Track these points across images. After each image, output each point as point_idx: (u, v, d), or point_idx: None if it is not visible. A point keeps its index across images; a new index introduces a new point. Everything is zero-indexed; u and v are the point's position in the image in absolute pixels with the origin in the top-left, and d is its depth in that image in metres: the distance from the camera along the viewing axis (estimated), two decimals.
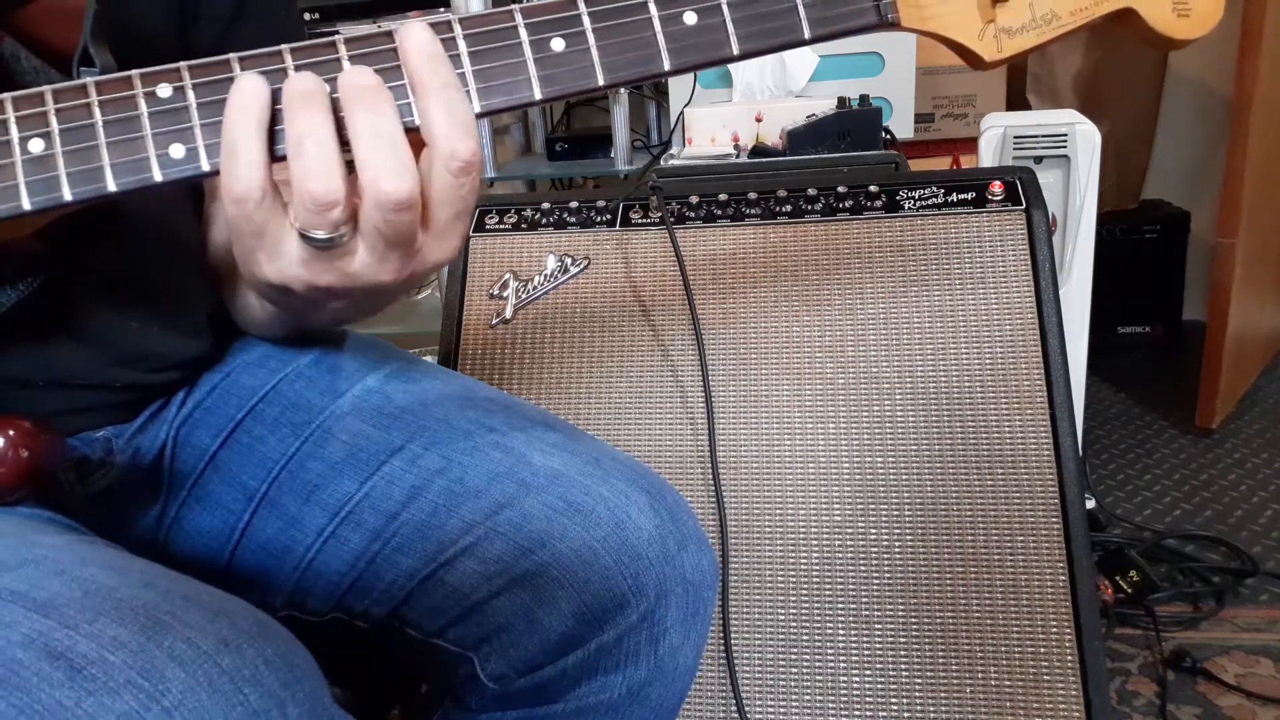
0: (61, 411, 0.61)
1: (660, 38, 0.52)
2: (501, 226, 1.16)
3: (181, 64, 0.49)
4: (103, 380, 0.64)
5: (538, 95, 0.51)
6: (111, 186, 0.48)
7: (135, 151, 0.48)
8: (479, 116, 0.51)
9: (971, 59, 0.60)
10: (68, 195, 0.47)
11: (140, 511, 0.68)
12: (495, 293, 1.14)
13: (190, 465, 0.69)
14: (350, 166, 0.48)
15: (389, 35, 0.50)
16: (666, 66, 0.52)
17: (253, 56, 0.49)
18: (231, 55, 0.49)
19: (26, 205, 0.47)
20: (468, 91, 0.50)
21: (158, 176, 0.48)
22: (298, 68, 0.49)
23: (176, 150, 0.48)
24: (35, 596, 0.44)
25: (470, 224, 0.53)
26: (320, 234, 0.48)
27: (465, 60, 0.51)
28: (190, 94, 0.48)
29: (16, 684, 0.40)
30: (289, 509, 0.67)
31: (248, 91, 0.48)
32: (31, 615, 0.43)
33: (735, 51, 0.53)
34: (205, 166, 0.49)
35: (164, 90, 0.48)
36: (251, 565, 0.68)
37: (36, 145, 0.47)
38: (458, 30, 0.50)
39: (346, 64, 0.49)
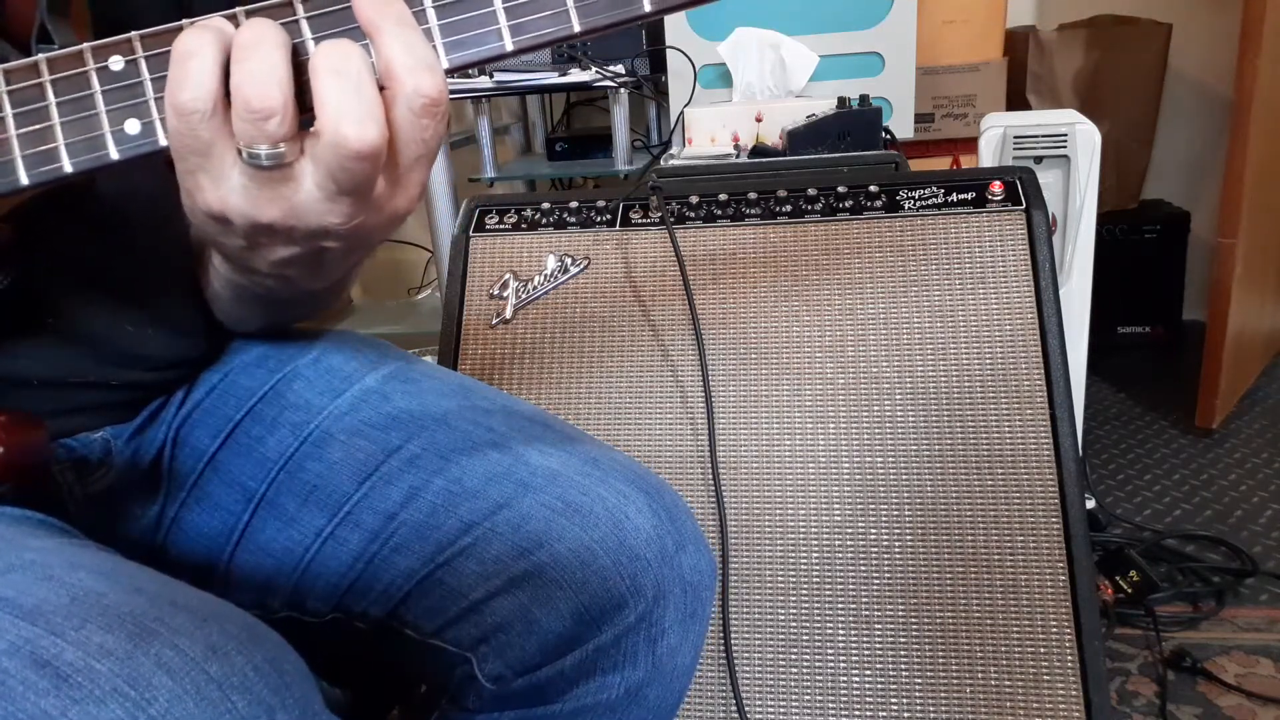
0: (59, 411, 0.61)
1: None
2: (501, 226, 1.16)
3: (133, 34, 0.47)
4: (99, 380, 0.64)
5: (509, 46, 0.48)
6: (68, 167, 0.47)
7: (90, 129, 0.47)
8: (448, 73, 0.48)
9: None
10: (24, 179, 0.46)
11: (139, 512, 0.68)
12: (495, 293, 1.14)
13: (189, 466, 0.69)
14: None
15: None
16: (647, 8, 0.49)
17: (206, 20, 0.47)
18: (184, 22, 0.47)
19: None
20: (434, 46, 0.47)
21: (114, 154, 0.47)
22: None
23: (132, 126, 0.47)
24: (22, 603, 0.43)
25: (429, 172, 0.50)
26: (261, 149, 0.45)
27: (430, 14, 0.48)
28: (143, 66, 0.47)
29: (2, 692, 0.39)
30: (288, 509, 0.67)
31: (213, 18, 0.46)
32: (18, 622, 0.42)
33: (576, 28, 0.49)
34: (162, 142, 0.47)
35: (116, 63, 0.47)
36: (250, 566, 0.68)
37: None
38: None
39: (306, 27, 0.47)
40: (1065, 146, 1.44)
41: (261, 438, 0.69)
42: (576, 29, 0.49)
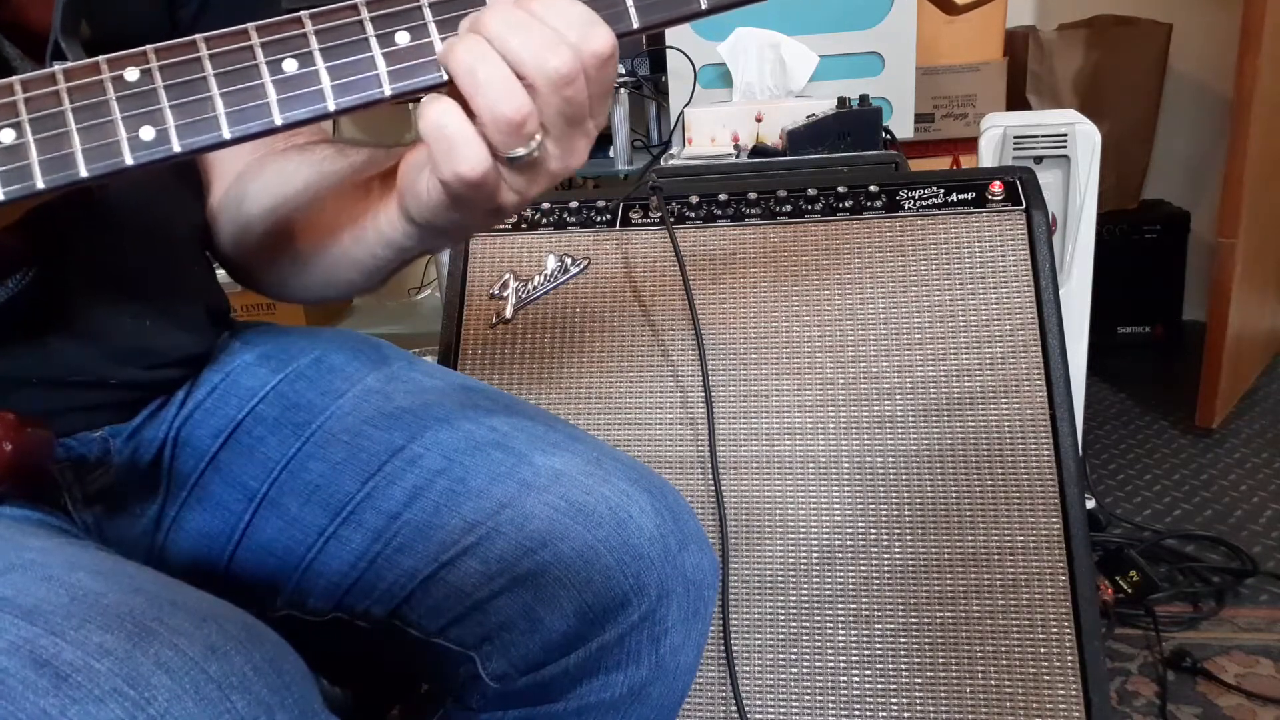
0: (58, 410, 0.61)
1: None
2: (501, 226, 1.16)
3: (148, 47, 0.48)
4: (99, 377, 0.64)
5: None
6: (83, 172, 0.47)
7: (105, 136, 0.47)
8: None
9: (943, 4, 0.60)
10: (40, 183, 0.47)
11: (139, 512, 0.68)
12: (495, 293, 1.14)
13: (190, 466, 0.69)
14: None
15: (354, 8, 0.49)
16: (635, 24, 0.52)
17: (219, 36, 0.48)
18: (197, 36, 0.48)
19: (0, 195, 0.47)
20: None
21: (129, 160, 0.48)
22: (264, 45, 0.48)
23: (147, 133, 0.48)
24: (21, 602, 0.44)
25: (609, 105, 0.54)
26: (520, 152, 0.48)
27: None
28: (158, 76, 0.48)
29: (2, 692, 0.40)
30: (290, 509, 0.67)
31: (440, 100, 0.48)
32: (18, 622, 0.43)
33: (703, 5, 0.52)
34: (176, 148, 0.48)
35: (131, 74, 0.48)
36: (252, 566, 0.68)
37: (7, 135, 0.47)
38: None
39: (314, 40, 0.49)
40: (1065, 146, 1.44)
41: (263, 438, 0.69)
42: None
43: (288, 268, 0.69)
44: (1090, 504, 1.59)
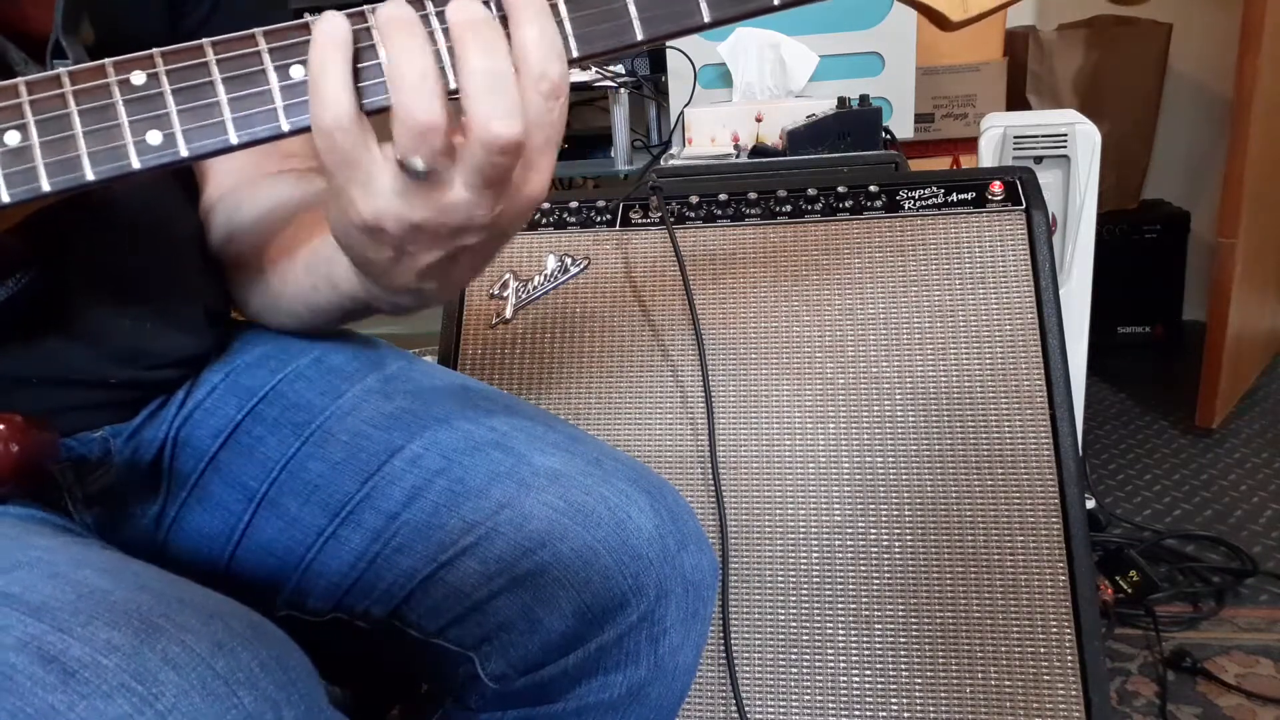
0: (58, 409, 0.61)
1: (631, 6, 0.51)
2: None
3: (154, 51, 0.48)
4: (98, 377, 0.64)
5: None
6: (90, 175, 0.47)
7: (112, 139, 0.47)
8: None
9: (937, 19, 0.60)
10: (46, 186, 0.47)
11: (139, 512, 0.68)
12: (495, 293, 1.14)
13: (190, 465, 0.69)
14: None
15: (361, 15, 0.48)
16: (640, 36, 0.51)
17: (225, 41, 0.48)
18: (204, 40, 0.48)
19: (5, 197, 0.47)
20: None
21: (135, 164, 0.48)
22: (271, 51, 0.48)
23: (154, 137, 0.48)
24: (29, 599, 0.44)
25: (555, 155, 0.51)
26: (419, 162, 0.46)
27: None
28: (164, 80, 0.48)
29: (9, 688, 0.40)
30: (289, 509, 0.67)
31: (333, 24, 0.46)
32: (25, 618, 0.43)
33: (706, 19, 0.52)
34: (183, 152, 0.48)
35: (138, 78, 0.48)
36: (251, 566, 0.68)
37: (13, 137, 0.47)
38: None
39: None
40: (1065, 146, 1.44)
41: (263, 438, 0.69)
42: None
43: (252, 281, 0.70)
44: (1090, 504, 1.59)
